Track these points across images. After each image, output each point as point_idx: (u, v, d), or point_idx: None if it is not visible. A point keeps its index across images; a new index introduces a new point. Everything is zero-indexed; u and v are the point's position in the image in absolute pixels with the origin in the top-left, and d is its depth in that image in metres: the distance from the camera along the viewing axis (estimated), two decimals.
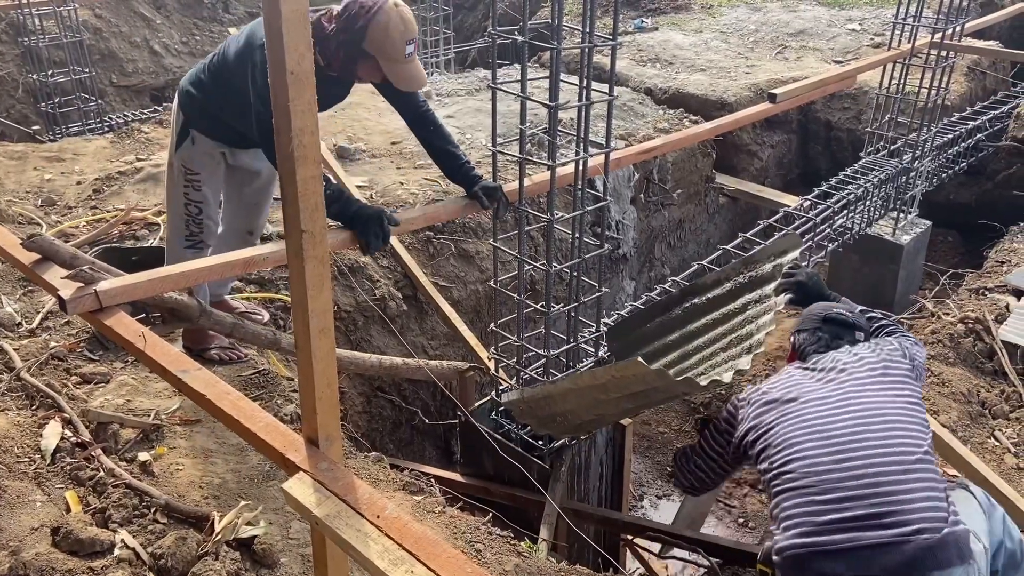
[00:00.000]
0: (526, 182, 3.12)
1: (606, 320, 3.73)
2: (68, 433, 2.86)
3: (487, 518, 2.97)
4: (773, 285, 3.03)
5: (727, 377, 2.58)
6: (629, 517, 3.95)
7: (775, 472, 2.15)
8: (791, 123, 7.31)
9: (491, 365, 3.67)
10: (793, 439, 2.15)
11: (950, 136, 6.17)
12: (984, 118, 6.49)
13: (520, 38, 2.82)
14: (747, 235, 4.52)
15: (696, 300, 3.27)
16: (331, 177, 3.22)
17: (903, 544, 1.88)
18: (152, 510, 2.61)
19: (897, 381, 2.25)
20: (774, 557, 2.06)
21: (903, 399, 2.19)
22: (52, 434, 2.82)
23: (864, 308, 2.77)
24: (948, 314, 4.33)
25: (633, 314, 3.60)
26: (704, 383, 2.61)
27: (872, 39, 8.06)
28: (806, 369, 2.43)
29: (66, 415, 2.92)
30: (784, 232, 4.11)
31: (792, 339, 2.66)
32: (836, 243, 5.17)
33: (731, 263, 3.38)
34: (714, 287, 3.23)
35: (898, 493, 1.95)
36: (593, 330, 3.53)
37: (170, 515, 2.62)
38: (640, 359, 2.53)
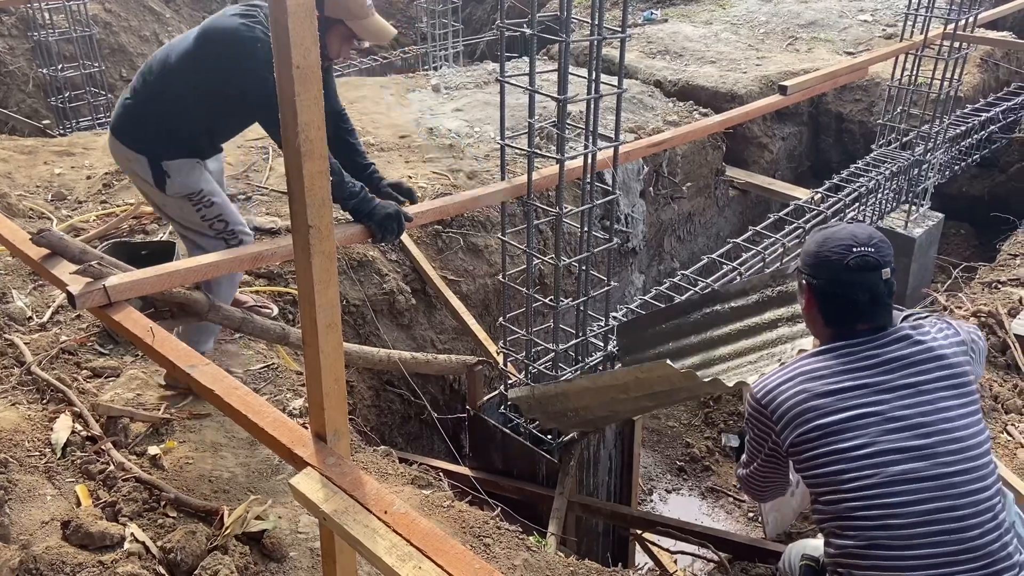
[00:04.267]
0: (534, 175, 3.11)
1: (615, 314, 3.71)
2: (78, 427, 2.87)
3: (496, 512, 2.97)
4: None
5: (752, 379, 2.54)
6: (638, 512, 3.94)
7: (854, 519, 1.90)
8: (802, 115, 7.26)
9: (500, 359, 3.67)
10: (878, 482, 1.87)
11: (963, 128, 6.11)
12: (997, 110, 6.43)
13: (529, 31, 2.81)
14: (757, 228, 4.49)
15: (718, 307, 3.22)
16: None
17: None
18: (162, 504, 2.62)
19: (969, 392, 1.98)
20: None
21: (977, 415, 1.96)
22: (62, 428, 2.83)
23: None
24: (960, 308, 4.29)
25: (647, 313, 3.58)
26: (730, 384, 2.55)
27: (884, 30, 7.99)
28: (855, 358, 1.97)
29: (76, 409, 2.94)
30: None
31: (804, 281, 2.09)
32: None
33: (759, 275, 3.34)
34: (739, 296, 3.17)
35: (994, 543, 1.87)
36: (602, 324, 3.52)
37: (180, 509, 2.63)
38: (668, 361, 2.51)
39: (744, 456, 2.24)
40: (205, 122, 3.00)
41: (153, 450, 2.85)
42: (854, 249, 1.99)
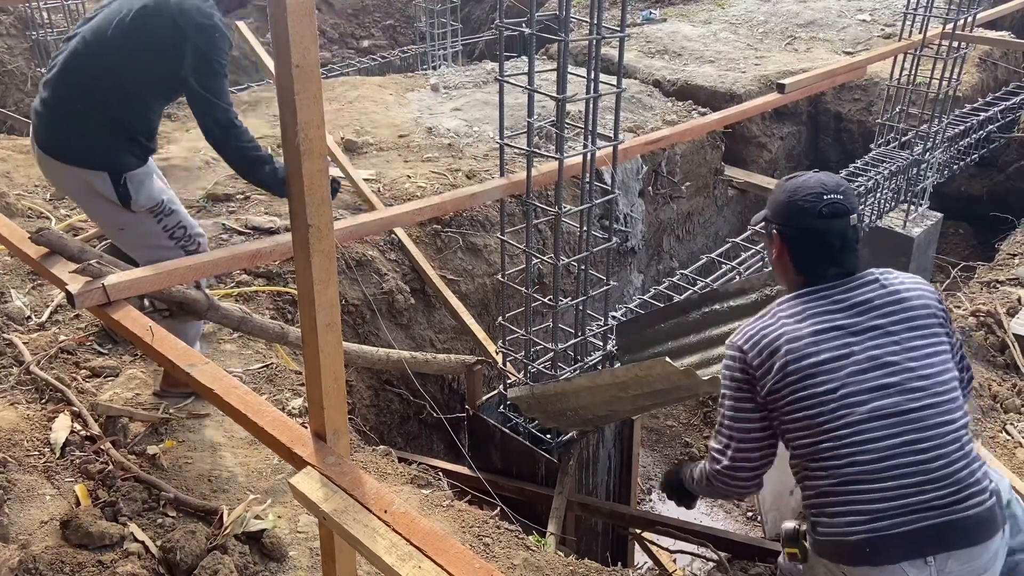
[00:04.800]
0: (533, 173, 3.10)
1: (614, 314, 3.71)
2: (77, 427, 2.87)
3: (495, 512, 2.97)
4: None
5: None
6: (637, 511, 3.94)
7: (826, 460, 1.98)
8: (801, 115, 7.26)
9: (499, 359, 3.67)
10: (848, 422, 1.95)
11: (961, 127, 6.11)
12: (996, 109, 6.44)
13: (528, 30, 2.80)
14: (757, 228, 4.49)
15: (716, 306, 3.22)
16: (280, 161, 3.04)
17: (967, 519, 1.94)
18: (161, 503, 2.62)
19: (934, 333, 2.05)
20: (817, 538, 2.03)
21: (943, 355, 2.04)
22: (61, 428, 2.83)
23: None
24: (959, 307, 4.30)
25: (646, 313, 3.57)
26: None
27: (883, 30, 7.99)
28: (826, 302, 2.04)
29: (75, 409, 2.93)
30: None
31: (775, 231, 2.14)
32: None
33: (758, 274, 3.34)
34: (737, 296, 3.17)
35: (961, 471, 1.95)
36: (601, 324, 3.52)
37: (179, 508, 2.63)
38: (667, 359, 2.51)
39: (716, 442, 2.23)
40: (149, 110, 2.86)
41: (152, 449, 2.85)
42: (825, 197, 2.06)
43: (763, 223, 2.23)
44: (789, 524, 2.31)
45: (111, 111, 2.77)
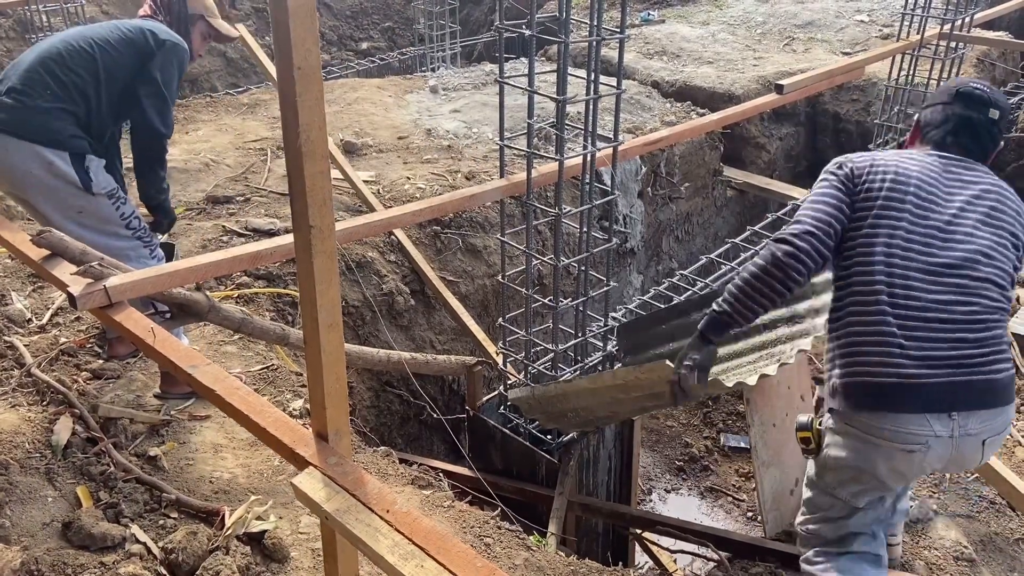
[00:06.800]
0: (533, 173, 3.11)
1: (614, 314, 3.72)
2: (79, 428, 2.87)
3: (496, 512, 2.97)
4: (805, 305, 2.96)
5: (752, 380, 2.58)
6: (638, 511, 3.94)
7: (874, 292, 2.06)
8: (799, 115, 7.26)
9: (499, 360, 3.67)
10: (908, 265, 2.08)
11: None
12: None
13: (527, 31, 2.81)
14: (756, 228, 4.50)
15: None
16: None
17: (993, 381, 2.04)
18: (163, 505, 2.63)
19: (1008, 248, 2.18)
20: (844, 380, 2.09)
21: (1008, 264, 2.16)
22: (63, 429, 2.83)
23: None
24: None
25: (647, 314, 3.58)
26: (730, 384, 2.58)
27: (881, 30, 8.00)
28: (942, 161, 2.27)
29: (76, 411, 2.94)
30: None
31: (919, 115, 2.43)
32: None
33: None
34: None
35: (996, 338, 2.06)
36: (601, 324, 3.53)
37: (181, 510, 2.63)
38: (668, 362, 2.52)
39: (791, 222, 2.27)
40: (109, 117, 3.04)
41: (153, 451, 2.85)
42: (972, 84, 2.34)
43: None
44: (803, 417, 2.40)
45: (79, 109, 2.94)
